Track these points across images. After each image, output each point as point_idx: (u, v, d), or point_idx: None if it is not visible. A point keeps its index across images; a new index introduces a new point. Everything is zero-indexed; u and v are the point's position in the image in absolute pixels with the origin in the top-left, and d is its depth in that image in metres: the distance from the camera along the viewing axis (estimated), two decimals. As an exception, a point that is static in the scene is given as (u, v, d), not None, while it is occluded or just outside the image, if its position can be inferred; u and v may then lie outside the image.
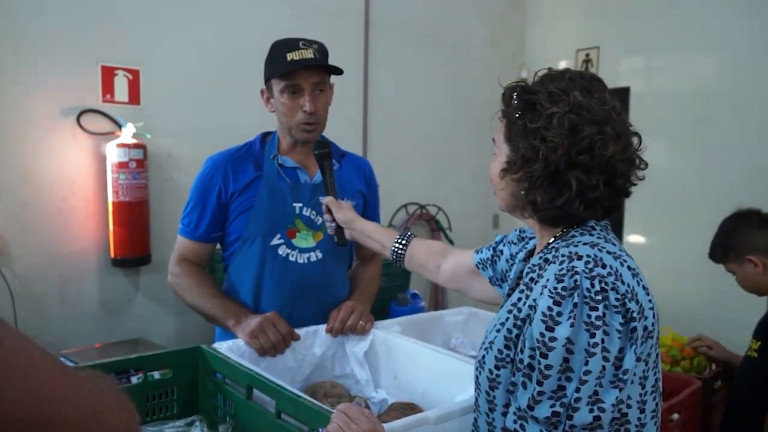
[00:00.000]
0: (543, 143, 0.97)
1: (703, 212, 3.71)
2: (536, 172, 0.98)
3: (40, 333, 2.66)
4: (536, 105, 0.99)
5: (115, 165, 2.74)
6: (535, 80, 1.05)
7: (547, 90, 1.00)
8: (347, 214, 1.59)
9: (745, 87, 3.55)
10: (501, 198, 1.12)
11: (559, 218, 1.03)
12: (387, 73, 3.90)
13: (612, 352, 0.89)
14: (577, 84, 1.00)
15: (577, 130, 0.96)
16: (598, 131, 0.97)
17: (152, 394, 1.36)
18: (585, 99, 0.98)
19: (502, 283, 1.34)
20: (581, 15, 4.39)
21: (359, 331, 1.65)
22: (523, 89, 1.04)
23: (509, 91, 1.06)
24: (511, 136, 1.04)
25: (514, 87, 1.05)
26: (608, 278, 0.92)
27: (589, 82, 1.02)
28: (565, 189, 0.98)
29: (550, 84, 1.00)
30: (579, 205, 0.99)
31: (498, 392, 1.01)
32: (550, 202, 0.99)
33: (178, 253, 1.76)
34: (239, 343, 1.50)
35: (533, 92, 1.01)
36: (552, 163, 0.97)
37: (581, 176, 0.97)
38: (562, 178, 0.98)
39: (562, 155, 0.96)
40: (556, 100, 0.98)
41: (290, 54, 1.60)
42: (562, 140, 0.96)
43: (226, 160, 1.72)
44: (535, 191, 1.00)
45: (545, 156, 0.97)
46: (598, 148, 0.97)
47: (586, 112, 0.98)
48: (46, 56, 2.65)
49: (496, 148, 1.11)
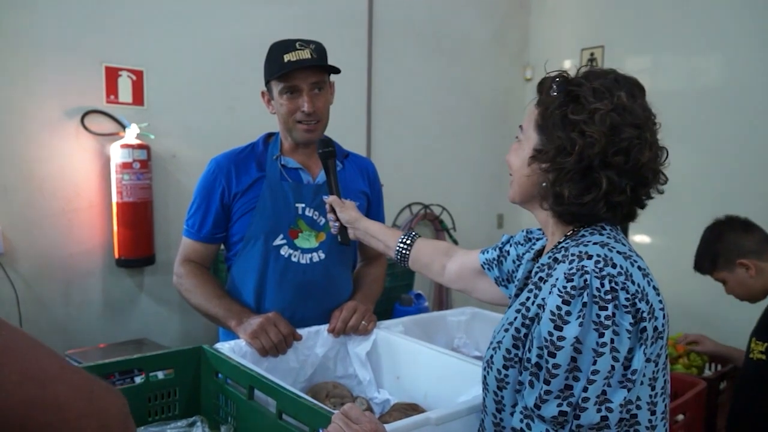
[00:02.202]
0: (581, 137, 0.96)
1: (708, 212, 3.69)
2: (568, 164, 0.98)
3: (45, 333, 2.67)
4: (580, 98, 0.98)
5: (119, 166, 2.74)
6: (578, 74, 1.03)
7: (591, 85, 0.99)
8: (351, 213, 1.59)
9: (750, 86, 3.53)
10: (519, 186, 1.10)
11: (577, 215, 1.02)
12: (391, 74, 3.89)
13: (621, 352, 0.89)
14: (622, 85, 1.00)
15: (617, 130, 0.96)
16: (638, 135, 0.97)
17: (154, 395, 1.36)
18: (629, 101, 0.98)
19: (508, 283, 1.33)
20: (586, 14, 4.38)
21: (361, 332, 1.65)
22: (566, 80, 1.02)
23: (549, 80, 1.04)
24: (546, 125, 1.02)
25: (556, 76, 1.03)
26: (618, 278, 0.91)
27: (633, 86, 1.02)
28: (594, 187, 0.97)
29: (595, 80, 1.00)
30: (603, 206, 0.99)
31: (506, 392, 1.01)
32: (577, 197, 0.98)
33: (183, 254, 1.76)
34: (241, 344, 1.50)
35: (577, 84, 1.00)
36: (586, 158, 0.96)
37: (613, 177, 0.96)
38: (592, 176, 0.97)
39: (599, 152, 0.95)
40: (601, 97, 0.97)
41: (287, 55, 1.60)
42: (601, 137, 0.95)
43: (230, 160, 1.72)
44: (563, 183, 0.99)
45: (581, 150, 0.96)
46: (634, 152, 0.96)
47: (629, 115, 0.97)
48: (50, 57, 2.66)
49: (523, 135, 1.09)
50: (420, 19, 4.04)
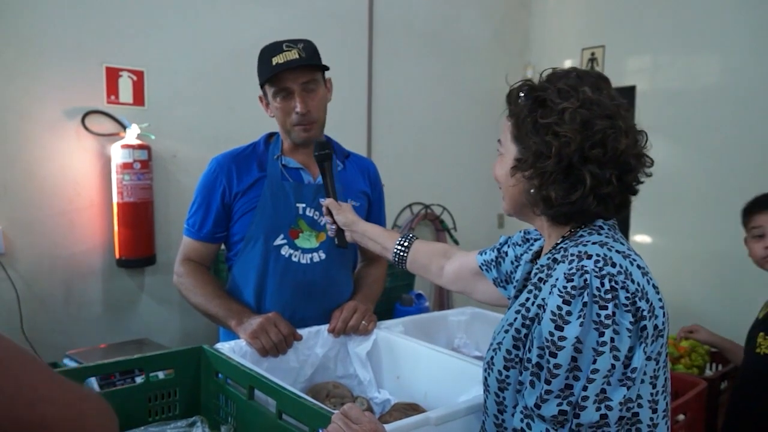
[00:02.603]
0: (555, 138, 0.97)
1: (708, 211, 3.71)
2: (549, 167, 0.98)
3: (45, 333, 2.68)
4: (546, 101, 0.99)
5: (119, 166, 2.74)
6: (541, 79, 1.04)
7: (556, 87, 1.00)
8: (348, 216, 1.58)
9: (750, 85, 3.53)
10: (509, 197, 1.11)
11: (571, 215, 1.02)
12: (391, 73, 3.89)
13: (622, 350, 0.89)
14: (586, 81, 1.01)
15: (589, 124, 0.97)
16: (610, 125, 0.98)
17: (155, 395, 1.36)
18: (595, 95, 0.99)
19: (506, 284, 1.33)
20: (586, 14, 4.38)
21: (362, 332, 1.65)
22: (531, 87, 1.03)
23: (516, 90, 1.06)
24: (520, 135, 1.03)
25: (521, 86, 1.05)
26: (618, 277, 0.92)
27: (597, 79, 1.03)
28: (579, 184, 0.98)
29: (558, 81, 1.01)
30: (592, 201, 0.99)
31: (508, 393, 1.01)
32: (564, 197, 0.99)
33: (183, 253, 1.77)
34: (241, 344, 1.50)
35: (542, 89, 1.01)
36: (565, 158, 0.97)
37: (595, 170, 0.97)
38: (575, 173, 0.98)
39: (576, 150, 0.96)
40: (567, 96, 0.98)
41: (275, 58, 1.60)
42: (575, 135, 0.96)
43: (230, 160, 1.72)
44: (548, 187, 0.99)
45: (558, 151, 0.97)
46: (610, 142, 0.97)
47: (597, 107, 0.98)
48: (51, 58, 2.66)
49: (503, 149, 1.11)
50: (420, 18, 4.03)
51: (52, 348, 2.62)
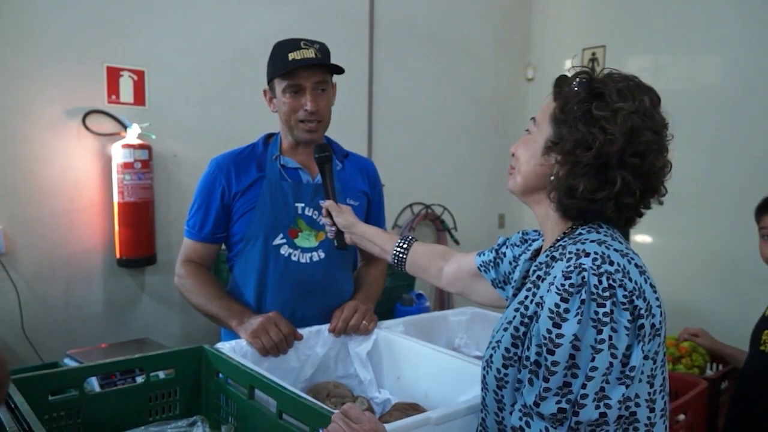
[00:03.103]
0: (602, 133, 0.97)
1: (708, 211, 3.71)
2: (586, 158, 0.98)
3: (46, 333, 2.68)
4: (604, 95, 0.99)
5: (120, 165, 2.75)
6: (600, 75, 1.04)
7: (616, 86, 1.00)
8: (347, 218, 1.59)
9: (751, 86, 3.53)
10: (525, 177, 1.10)
11: (584, 211, 1.02)
12: (392, 73, 3.90)
13: (620, 348, 0.89)
14: (644, 91, 1.02)
15: (637, 132, 0.97)
16: (656, 141, 0.99)
17: (155, 394, 1.37)
18: (650, 106, 1.00)
19: (504, 285, 1.34)
20: (587, 14, 4.38)
21: (362, 331, 1.65)
22: (590, 78, 1.03)
23: (572, 76, 1.05)
24: (565, 118, 1.02)
25: (580, 72, 1.04)
26: (616, 275, 0.92)
27: (653, 94, 1.03)
28: (608, 185, 0.98)
29: (618, 82, 1.01)
30: (612, 206, 0.99)
31: (506, 391, 1.01)
32: (591, 192, 0.99)
33: (184, 254, 1.77)
34: (242, 343, 1.50)
35: (602, 83, 1.01)
36: (605, 155, 0.97)
37: (628, 177, 0.98)
38: (607, 174, 0.98)
39: (617, 151, 0.96)
40: (625, 98, 0.99)
41: (292, 54, 1.60)
42: (621, 137, 0.96)
43: (230, 161, 1.73)
44: (578, 177, 0.99)
45: (601, 146, 0.97)
46: (651, 157, 0.99)
47: (649, 120, 0.99)
48: (52, 58, 2.67)
49: (535, 128, 1.09)
50: (421, 18, 4.03)
51: (52, 348, 2.63)
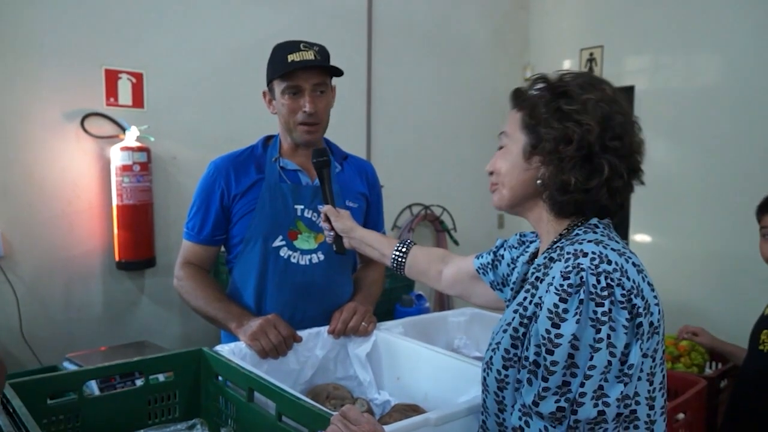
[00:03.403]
0: (578, 126, 1.00)
1: (708, 211, 3.71)
2: (570, 152, 1.00)
3: (45, 336, 2.68)
4: (569, 92, 1.03)
5: (119, 168, 2.75)
6: (555, 77, 1.07)
7: (576, 81, 1.04)
8: (346, 222, 1.59)
9: (749, 85, 3.53)
10: (511, 189, 1.11)
11: (581, 204, 1.04)
12: (390, 74, 3.90)
13: (618, 347, 0.90)
14: (602, 81, 1.06)
15: (609, 117, 1.01)
16: (627, 121, 1.03)
17: (154, 397, 1.36)
18: (612, 94, 1.04)
19: (503, 287, 1.34)
20: (585, 14, 4.38)
21: (361, 333, 1.65)
22: (547, 80, 1.07)
23: (530, 83, 1.08)
24: (537, 122, 1.04)
25: (536, 79, 1.08)
26: (614, 274, 0.93)
27: (609, 83, 1.07)
28: (597, 172, 1.01)
29: (576, 78, 1.05)
30: (605, 192, 1.01)
31: (507, 392, 1.02)
32: (583, 183, 1.01)
33: (183, 256, 1.77)
34: (241, 346, 1.50)
35: (563, 82, 1.05)
36: (586, 145, 1.00)
37: (614, 161, 1.00)
38: (594, 161, 1.01)
39: (597, 139, 0.99)
40: (589, 90, 1.02)
41: (291, 55, 1.61)
42: (596, 125, 0.99)
43: (229, 163, 1.73)
44: (568, 171, 1.01)
45: (580, 137, 1.00)
46: (628, 136, 1.02)
47: (615, 104, 1.03)
48: (50, 60, 2.67)
49: (508, 140, 1.11)
50: (420, 19, 4.04)
51: (51, 350, 2.63)
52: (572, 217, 1.06)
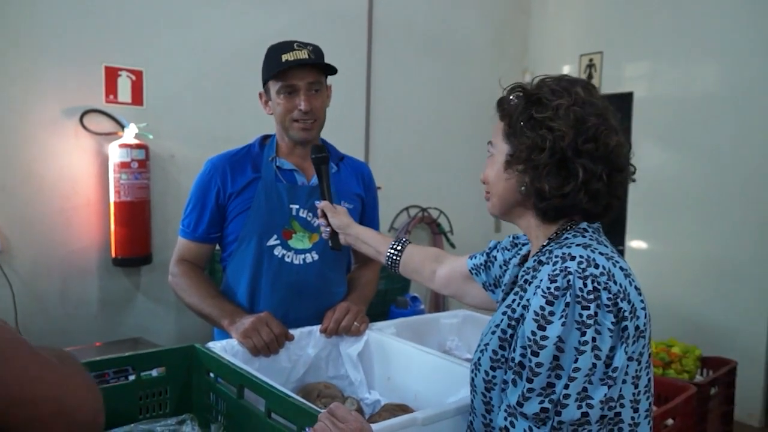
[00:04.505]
0: (550, 132, 1.01)
1: (705, 216, 3.72)
2: (543, 160, 1.01)
3: (41, 331, 2.68)
4: (541, 99, 1.04)
5: (117, 165, 2.76)
6: (533, 84, 1.08)
7: (549, 87, 1.04)
8: (342, 219, 1.60)
9: (747, 92, 3.54)
10: (498, 197, 1.13)
11: (561, 209, 1.05)
12: (390, 76, 3.91)
13: (603, 350, 0.91)
14: (577, 84, 1.06)
15: (582, 120, 1.01)
16: (602, 123, 1.02)
17: (146, 393, 1.37)
18: (586, 95, 1.04)
19: (495, 288, 1.35)
20: (585, 20, 4.40)
21: (354, 332, 1.66)
22: (524, 89, 1.08)
23: (508, 93, 1.10)
24: (514, 132, 1.06)
25: (513, 88, 1.10)
26: (601, 278, 0.94)
27: (586, 84, 1.08)
28: (572, 177, 1.01)
29: (551, 84, 1.06)
30: (584, 196, 1.02)
31: (494, 393, 1.03)
32: (558, 189, 1.02)
33: (178, 253, 1.78)
34: (233, 343, 1.51)
35: (536, 89, 1.06)
36: (559, 150, 1.00)
37: (588, 164, 1.00)
38: (568, 166, 1.01)
39: (569, 143, 1.00)
40: (560, 95, 1.03)
41: (285, 55, 1.63)
42: (569, 129, 1.00)
43: (225, 161, 1.74)
44: (542, 179, 1.02)
45: (552, 144, 1.00)
46: (602, 137, 1.01)
47: (589, 106, 1.03)
48: (50, 57, 2.68)
49: (494, 149, 1.14)
50: (420, 22, 4.05)
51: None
52: (561, 221, 1.08)
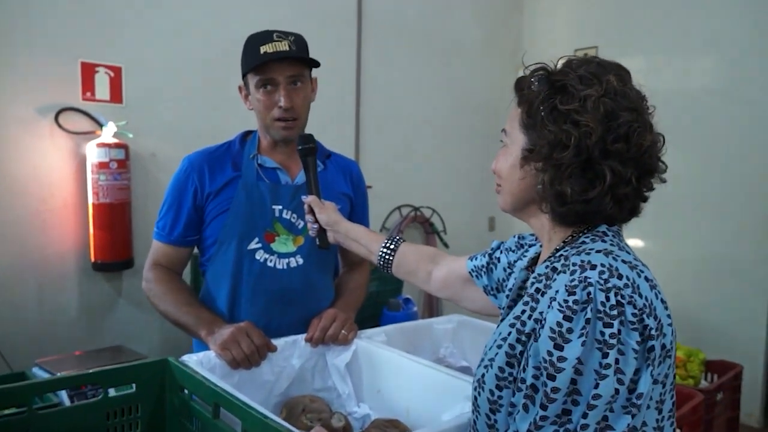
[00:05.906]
0: (575, 127, 0.88)
1: (703, 215, 3.67)
2: (566, 159, 0.89)
3: (16, 340, 2.58)
4: (567, 87, 0.91)
5: (95, 165, 2.66)
6: (558, 65, 0.96)
7: (577, 73, 0.91)
8: (331, 215, 1.50)
9: (744, 87, 3.54)
10: (511, 193, 1.01)
11: (582, 215, 0.93)
12: (380, 72, 3.83)
13: (627, 374, 0.80)
14: (609, 70, 0.93)
15: (613, 115, 0.89)
16: (635, 119, 0.90)
17: (114, 411, 1.26)
18: (619, 85, 0.91)
19: (497, 292, 1.25)
20: (579, 15, 4.37)
21: (341, 341, 1.55)
22: (548, 72, 0.94)
23: (530, 75, 0.96)
24: (533, 122, 0.94)
25: (535, 70, 0.96)
26: (625, 290, 0.83)
27: (619, 69, 0.94)
28: (598, 180, 0.89)
29: (578, 68, 0.92)
30: (609, 201, 0.90)
31: (500, 415, 0.92)
32: (581, 194, 0.90)
33: (153, 257, 1.68)
34: (210, 355, 1.40)
35: (562, 74, 0.93)
36: (585, 150, 0.88)
37: (617, 167, 0.89)
38: (595, 168, 0.89)
39: (597, 142, 0.88)
40: (590, 83, 0.90)
41: (264, 47, 1.52)
42: (597, 125, 0.87)
43: (203, 159, 1.64)
44: (564, 181, 0.90)
45: (577, 142, 0.88)
46: (635, 137, 0.89)
47: (622, 98, 0.90)
48: (24, 52, 2.57)
49: (508, 139, 1.01)
50: (411, 17, 3.98)
51: (23, 355, 2.53)
52: (578, 225, 0.97)
